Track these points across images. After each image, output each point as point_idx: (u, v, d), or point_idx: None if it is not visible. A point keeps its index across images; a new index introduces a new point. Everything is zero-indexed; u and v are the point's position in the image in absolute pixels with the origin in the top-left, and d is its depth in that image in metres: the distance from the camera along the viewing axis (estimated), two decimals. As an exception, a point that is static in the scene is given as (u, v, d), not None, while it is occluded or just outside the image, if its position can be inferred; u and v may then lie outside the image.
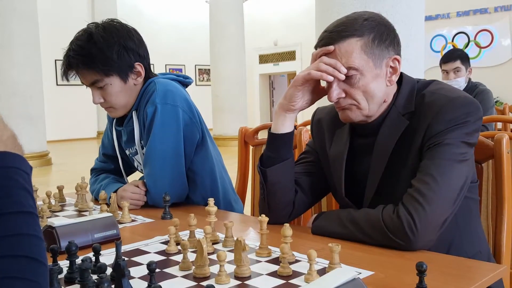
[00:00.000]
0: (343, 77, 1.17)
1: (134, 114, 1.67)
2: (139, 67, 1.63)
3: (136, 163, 1.77)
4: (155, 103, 1.58)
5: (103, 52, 1.53)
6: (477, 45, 10.61)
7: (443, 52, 10.49)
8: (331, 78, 1.17)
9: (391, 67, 1.20)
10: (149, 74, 1.68)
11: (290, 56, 15.46)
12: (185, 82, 1.77)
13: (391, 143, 1.18)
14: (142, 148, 1.68)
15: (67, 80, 1.60)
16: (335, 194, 1.36)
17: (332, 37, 1.18)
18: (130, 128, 1.70)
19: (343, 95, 1.19)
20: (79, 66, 1.56)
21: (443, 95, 1.16)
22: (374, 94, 1.19)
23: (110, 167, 1.84)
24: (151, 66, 1.71)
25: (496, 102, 8.65)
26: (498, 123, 3.47)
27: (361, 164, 1.26)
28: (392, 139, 1.19)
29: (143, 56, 1.64)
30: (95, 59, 1.53)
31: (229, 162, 2.52)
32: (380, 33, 1.18)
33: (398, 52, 1.23)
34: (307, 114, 2.15)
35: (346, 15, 1.24)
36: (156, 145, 1.59)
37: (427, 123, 1.14)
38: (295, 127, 2.06)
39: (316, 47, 1.23)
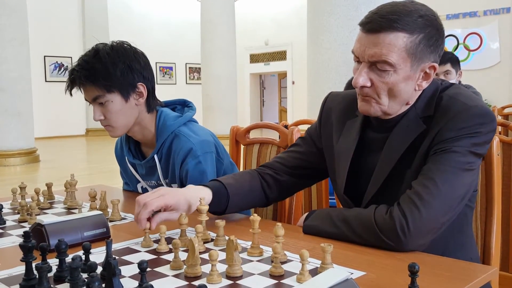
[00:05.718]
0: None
1: (155, 157, 1.69)
2: (141, 87, 1.63)
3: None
4: (197, 157, 1.62)
5: (106, 67, 1.55)
6: (466, 48, 10.71)
7: (433, 55, 10.62)
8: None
9: (425, 72, 1.16)
10: (152, 98, 1.69)
11: (280, 55, 15.48)
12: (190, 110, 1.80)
13: (404, 144, 1.16)
14: (167, 185, 1.73)
15: (71, 95, 1.62)
16: (335, 187, 1.34)
17: (382, 24, 1.10)
18: (150, 165, 1.72)
19: (369, 84, 1.14)
20: (82, 81, 1.57)
21: (461, 102, 1.13)
22: (400, 94, 1.15)
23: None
24: None
25: (484, 104, 8.71)
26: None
27: (368, 160, 1.23)
28: (405, 140, 1.16)
29: (148, 78, 1.65)
30: (98, 73, 1.55)
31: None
32: (429, 36, 1.12)
33: (437, 60, 1.18)
34: (297, 113, 2.15)
35: (403, 1, 1.15)
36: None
37: (438, 128, 1.11)
38: (286, 126, 2.06)
39: (361, 25, 1.15)
